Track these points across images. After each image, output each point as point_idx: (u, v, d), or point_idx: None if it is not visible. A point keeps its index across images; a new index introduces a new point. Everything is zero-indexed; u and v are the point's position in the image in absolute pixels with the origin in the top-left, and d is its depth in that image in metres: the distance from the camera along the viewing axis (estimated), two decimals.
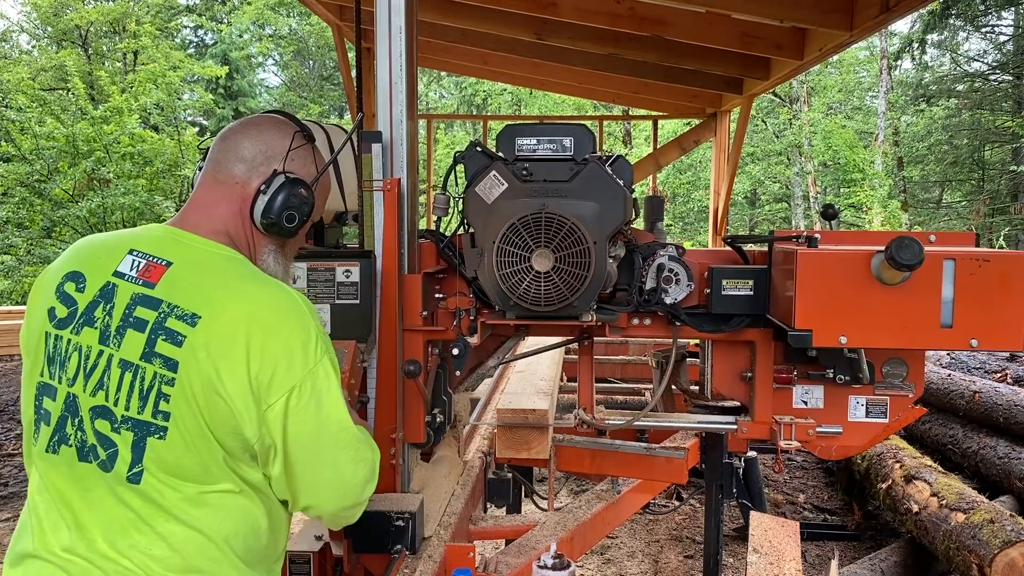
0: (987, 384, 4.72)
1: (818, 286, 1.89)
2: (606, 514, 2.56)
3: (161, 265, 1.27)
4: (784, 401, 2.26)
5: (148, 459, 1.22)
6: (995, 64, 20.23)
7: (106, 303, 1.26)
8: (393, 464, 1.98)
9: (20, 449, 5.94)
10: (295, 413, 1.25)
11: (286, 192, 1.36)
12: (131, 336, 1.24)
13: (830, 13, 4.50)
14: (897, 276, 1.84)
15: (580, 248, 1.99)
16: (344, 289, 1.94)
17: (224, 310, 1.24)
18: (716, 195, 8.21)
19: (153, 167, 14.72)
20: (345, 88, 7.76)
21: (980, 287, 1.85)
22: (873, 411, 2.25)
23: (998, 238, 13.00)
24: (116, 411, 1.23)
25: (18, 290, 13.78)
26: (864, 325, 1.89)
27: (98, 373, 1.24)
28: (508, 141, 2.10)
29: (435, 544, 1.86)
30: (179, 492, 1.23)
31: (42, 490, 1.30)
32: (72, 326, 1.27)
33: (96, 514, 1.24)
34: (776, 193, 24.29)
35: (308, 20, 24.75)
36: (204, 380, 1.21)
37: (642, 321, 2.29)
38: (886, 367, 2.19)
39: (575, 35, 6.08)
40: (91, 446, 1.24)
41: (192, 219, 1.35)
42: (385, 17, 2.00)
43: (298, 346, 1.26)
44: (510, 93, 21.41)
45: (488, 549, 3.48)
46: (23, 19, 24.18)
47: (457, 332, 2.20)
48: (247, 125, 1.43)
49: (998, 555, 2.95)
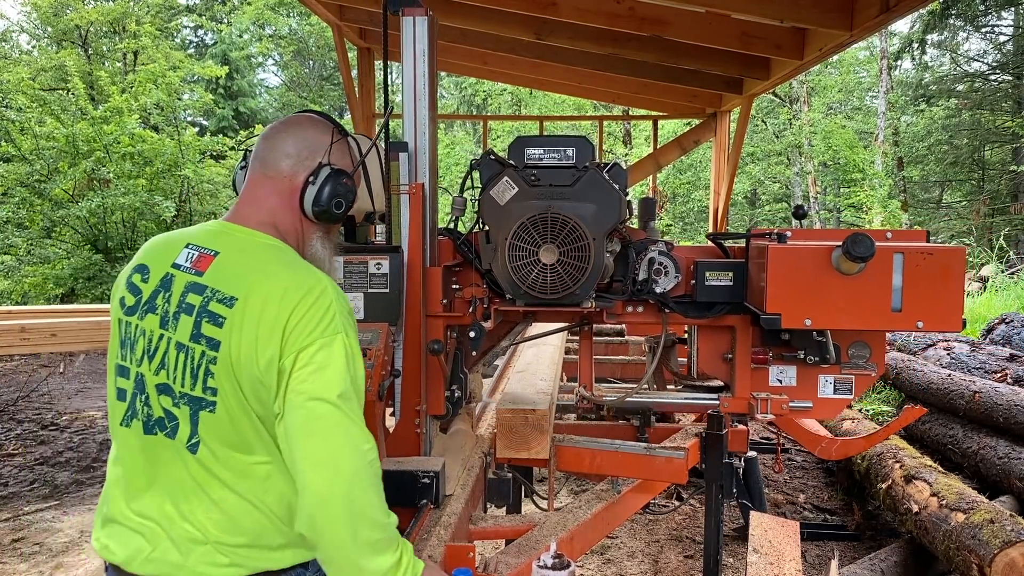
0: (987, 384, 4.72)
1: (786, 276, 2.20)
2: (606, 514, 2.56)
3: (210, 255, 1.41)
4: (761, 380, 2.57)
5: (203, 430, 1.35)
6: (995, 64, 20.22)
7: (165, 291, 1.40)
8: (418, 432, 2.22)
9: (20, 449, 5.94)
10: (297, 372, 1.31)
11: (332, 182, 1.50)
12: (183, 320, 1.37)
13: (830, 13, 4.50)
14: (853, 267, 2.13)
15: (581, 244, 2.32)
16: (376, 280, 2.20)
17: (255, 291, 1.35)
18: (716, 195, 8.21)
19: (153, 167, 14.71)
20: (345, 88, 7.76)
21: (925, 277, 2.15)
22: (840, 388, 2.54)
23: (998, 238, 13.00)
24: (175, 388, 1.37)
25: (18, 290, 13.78)
26: (826, 309, 2.20)
27: (159, 354, 1.38)
28: (518, 151, 2.42)
29: (435, 544, 1.86)
30: (228, 461, 1.36)
31: (118, 461, 1.44)
32: (138, 312, 1.42)
33: (164, 481, 1.38)
34: (776, 193, 24.29)
35: (308, 20, 24.75)
36: (240, 356, 1.33)
37: (635, 308, 2.62)
38: (851, 349, 2.49)
39: (575, 35, 6.08)
40: (157, 419, 1.38)
41: (243, 213, 1.48)
42: (410, 41, 2.29)
43: (316, 319, 1.34)
44: (510, 93, 21.40)
45: (488, 549, 3.48)
46: (23, 19, 24.19)
47: (473, 318, 2.47)
48: (289, 124, 1.55)
49: (998, 555, 2.95)
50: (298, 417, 1.30)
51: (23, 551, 4.16)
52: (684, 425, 3.17)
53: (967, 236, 17.00)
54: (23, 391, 7.56)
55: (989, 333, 6.76)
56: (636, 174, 9.16)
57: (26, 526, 4.47)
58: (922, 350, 6.35)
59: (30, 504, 4.78)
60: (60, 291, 13.82)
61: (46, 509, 4.70)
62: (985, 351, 5.88)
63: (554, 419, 2.86)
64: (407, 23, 2.29)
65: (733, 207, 21.52)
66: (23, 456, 5.78)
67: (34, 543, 4.26)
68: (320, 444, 1.30)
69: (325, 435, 1.30)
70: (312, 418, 1.30)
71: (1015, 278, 10.12)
